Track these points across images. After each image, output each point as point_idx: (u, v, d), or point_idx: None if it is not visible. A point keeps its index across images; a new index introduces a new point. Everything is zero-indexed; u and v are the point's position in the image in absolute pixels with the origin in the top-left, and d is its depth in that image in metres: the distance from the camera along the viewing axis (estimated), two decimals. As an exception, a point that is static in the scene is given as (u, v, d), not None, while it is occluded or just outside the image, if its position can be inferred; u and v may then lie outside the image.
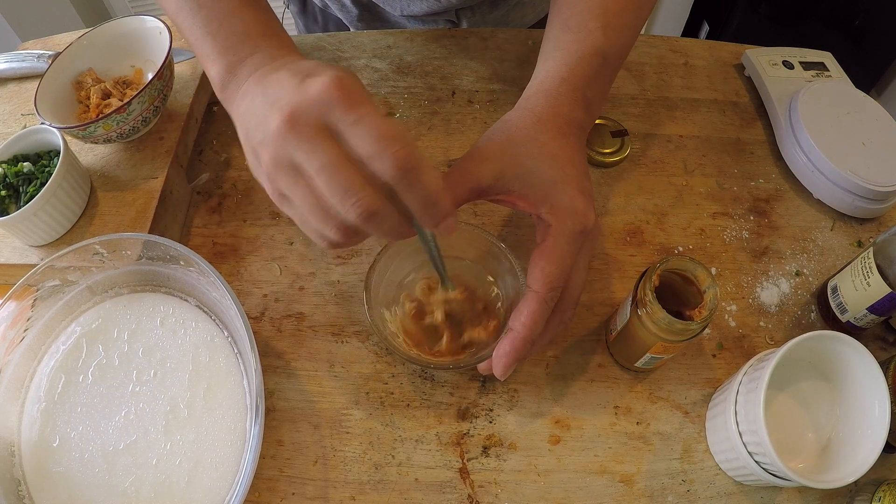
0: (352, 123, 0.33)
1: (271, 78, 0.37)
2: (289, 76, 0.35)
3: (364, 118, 0.33)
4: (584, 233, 0.42)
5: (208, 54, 0.42)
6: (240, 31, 0.41)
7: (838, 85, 0.66)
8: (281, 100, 0.34)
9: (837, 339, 0.43)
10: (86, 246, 0.51)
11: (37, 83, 0.58)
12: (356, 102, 0.33)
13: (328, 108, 0.33)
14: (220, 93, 0.42)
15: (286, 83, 0.35)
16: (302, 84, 0.34)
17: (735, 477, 0.48)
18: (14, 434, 0.49)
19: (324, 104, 0.33)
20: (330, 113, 0.33)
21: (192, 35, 0.43)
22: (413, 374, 0.53)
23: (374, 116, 0.33)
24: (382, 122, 0.33)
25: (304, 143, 0.33)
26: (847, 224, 0.62)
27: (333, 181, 0.33)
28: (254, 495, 0.48)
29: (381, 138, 0.33)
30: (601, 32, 0.46)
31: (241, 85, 0.40)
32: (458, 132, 0.67)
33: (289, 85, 0.34)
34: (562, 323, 0.44)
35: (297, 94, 0.33)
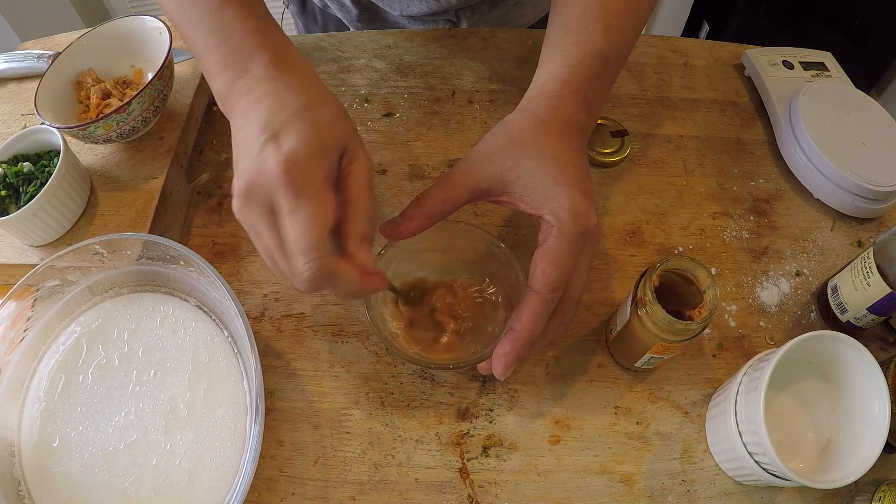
0: (286, 213, 0.36)
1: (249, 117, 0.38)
2: (259, 128, 0.37)
3: (291, 214, 0.35)
4: (585, 234, 0.42)
5: (209, 69, 0.42)
6: (236, 45, 0.41)
7: (838, 85, 0.66)
8: (242, 164, 0.37)
9: (837, 339, 0.43)
10: (86, 246, 0.51)
11: (37, 83, 0.58)
12: (295, 194, 0.35)
13: (273, 190, 0.35)
14: (221, 106, 0.43)
15: (252, 138, 0.37)
16: (262, 150, 0.36)
17: (735, 477, 0.48)
18: (14, 434, 0.49)
19: (271, 185, 0.35)
20: (274, 196, 0.36)
21: (195, 48, 0.43)
22: (413, 374, 0.53)
23: (299, 217, 0.35)
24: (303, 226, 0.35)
25: (254, 219, 0.37)
26: (847, 224, 0.62)
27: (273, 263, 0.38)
28: (254, 495, 0.48)
29: (295, 245, 0.36)
30: (602, 34, 0.46)
31: (236, 104, 0.40)
32: (458, 132, 0.67)
33: (253, 144, 0.37)
34: (562, 324, 0.44)
35: (254, 165, 0.36)
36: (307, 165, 0.36)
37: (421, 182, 0.64)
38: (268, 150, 0.36)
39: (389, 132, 0.67)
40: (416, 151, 0.66)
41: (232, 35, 0.41)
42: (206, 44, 0.42)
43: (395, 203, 0.62)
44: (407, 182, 0.64)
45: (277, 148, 0.36)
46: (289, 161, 0.35)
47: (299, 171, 0.35)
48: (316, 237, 0.35)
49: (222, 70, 0.41)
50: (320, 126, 0.37)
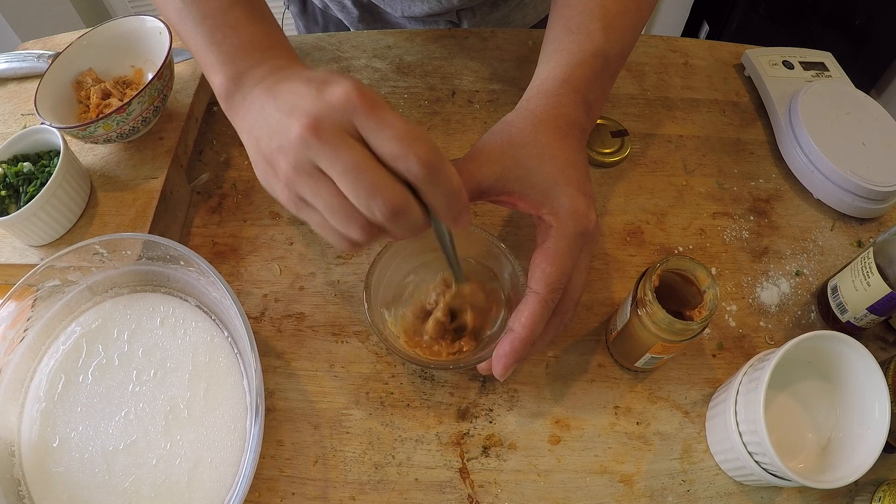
0: (375, 126, 0.34)
1: (282, 87, 0.37)
2: (303, 85, 0.35)
3: (386, 121, 0.34)
4: (584, 234, 0.42)
5: (212, 64, 0.42)
6: (245, 42, 0.41)
7: (838, 85, 0.66)
8: (299, 107, 0.35)
9: (837, 339, 0.43)
10: (86, 246, 0.51)
11: (37, 83, 0.58)
12: (377, 107, 0.34)
13: (351, 113, 0.34)
14: (224, 103, 0.42)
15: (301, 91, 0.35)
16: (321, 91, 0.34)
17: (735, 477, 0.48)
18: (14, 434, 0.49)
19: (346, 110, 0.34)
20: (353, 117, 0.34)
21: (195, 44, 0.43)
22: (413, 374, 0.53)
23: (395, 119, 0.34)
24: (404, 124, 0.34)
25: (328, 146, 0.34)
26: (847, 224, 0.62)
27: (360, 181, 0.34)
28: (254, 495, 0.48)
29: (404, 139, 0.34)
30: (602, 34, 0.46)
31: (248, 95, 0.40)
32: (458, 132, 0.67)
33: (306, 93, 0.35)
34: (562, 324, 0.44)
35: (318, 101, 0.34)
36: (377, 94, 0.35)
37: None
38: (328, 88, 0.34)
39: (389, 132, 0.67)
40: (416, 151, 0.66)
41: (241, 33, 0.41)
42: (211, 39, 0.41)
43: (395, 203, 0.62)
44: (407, 182, 0.64)
45: (339, 84, 0.34)
46: (360, 87, 0.34)
47: (372, 93, 0.34)
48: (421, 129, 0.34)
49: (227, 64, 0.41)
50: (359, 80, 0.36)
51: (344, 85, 0.34)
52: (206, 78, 0.44)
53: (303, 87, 0.35)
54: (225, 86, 0.41)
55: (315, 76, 0.36)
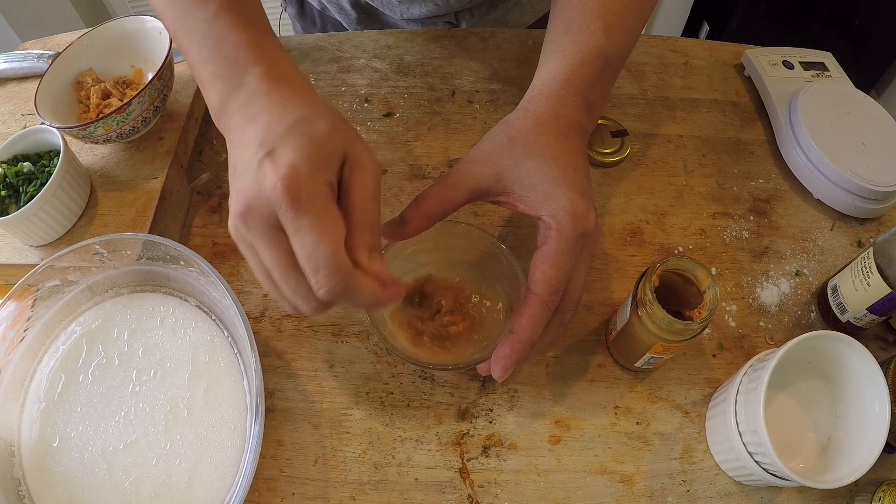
0: (291, 233, 0.34)
1: (246, 133, 0.37)
2: (255, 146, 0.36)
3: (299, 233, 0.34)
4: (584, 236, 0.42)
5: (204, 82, 0.41)
6: (229, 58, 0.40)
7: (838, 85, 0.66)
8: (238, 183, 0.36)
9: (837, 339, 0.43)
10: (86, 246, 0.51)
11: (37, 83, 0.58)
12: (298, 210, 0.34)
13: (276, 206, 0.34)
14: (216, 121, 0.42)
15: (249, 156, 0.36)
16: (260, 168, 0.35)
17: (735, 477, 0.48)
18: (14, 434, 0.49)
19: (272, 203, 0.34)
20: (278, 211, 0.34)
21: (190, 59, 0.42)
22: (413, 374, 0.53)
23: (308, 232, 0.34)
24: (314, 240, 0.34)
25: (255, 238, 0.35)
26: (847, 224, 0.62)
27: (281, 281, 0.36)
28: (254, 495, 0.48)
29: (309, 261, 0.34)
30: (602, 34, 0.46)
31: (228, 123, 0.40)
32: (458, 132, 0.67)
33: (250, 162, 0.35)
34: (561, 325, 0.44)
35: (253, 184, 0.35)
36: (309, 179, 0.34)
37: (421, 182, 0.64)
38: (266, 166, 0.34)
39: (389, 132, 0.67)
40: (416, 151, 0.66)
41: (225, 47, 0.40)
42: (200, 56, 0.41)
43: (395, 203, 0.62)
44: (407, 182, 0.64)
45: (275, 164, 0.34)
46: (289, 177, 0.34)
47: (302, 185, 0.34)
48: (329, 251, 0.34)
49: (215, 83, 0.40)
50: (318, 138, 0.36)
51: (279, 168, 0.34)
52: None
53: (252, 150, 0.36)
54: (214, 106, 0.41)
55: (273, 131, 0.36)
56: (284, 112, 0.37)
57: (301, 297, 0.36)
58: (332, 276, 0.34)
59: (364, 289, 0.36)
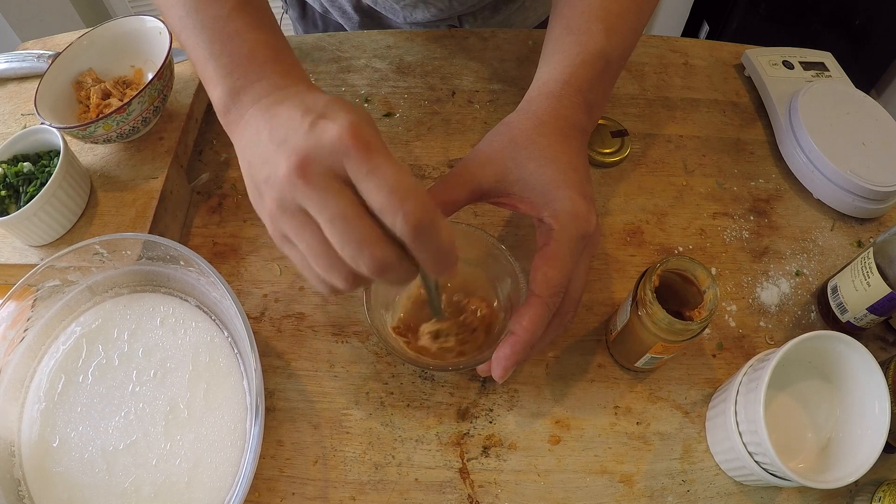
0: (366, 174, 0.32)
1: (278, 111, 0.35)
2: (299, 114, 0.33)
3: (378, 169, 0.32)
4: (585, 237, 0.42)
5: (211, 77, 0.40)
6: (245, 54, 0.39)
7: (838, 85, 0.66)
8: (290, 142, 0.33)
9: (837, 339, 0.43)
10: (86, 246, 0.51)
11: (37, 83, 0.58)
12: (371, 152, 0.32)
13: (342, 155, 0.32)
14: (221, 117, 0.41)
15: (295, 123, 0.33)
16: (314, 127, 0.32)
17: (735, 477, 0.48)
18: (14, 434, 0.49)
19: (338, 151, 0.32)
20: (344, 160, 0.32)
21: (195, 55, 0.41)
22: (413, 374, 0.53)
23: (388, 168, 0.32)
24: (397, 174, 0.32)
25: (315, 191, 0.32)
26: (847, 224, 0.62)
27: (347, 232, 0.32)
28: (254, 495, 0.48)
29: (395, 192, 0.32)
30: (603, 35, 0.46)
31: (245, 112, 0.38)
32: (458, 132, 0.67)
33: (299, 126, 0.33)
34: (562, 326, 0.44)
35: (309, 139, 0.32)
36: (372, 133, 0.33)
37: (421, 182, 0.64)
38: (322, 125, 0.32)
39: (389, 132, 0.67)
40: (416, 151, 0.66)
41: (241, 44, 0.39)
42: (210, 51, 0.40)
43: (395, 203, 0.62)
44: (407, 182, 0.63)
45: (335, 120, 0.32)
46: (355, 125, 0.32)
47: (367, 132, 0.32)
48: (412, 181, 0.32)
49: (225, 77, 0.39)
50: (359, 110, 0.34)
51: (340, 122, 0.32)
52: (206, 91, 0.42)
53: (297, 118, 0.33)
54: (223, 101, 0.40)
55: (313, 105, 0.34)
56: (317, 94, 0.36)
57: (367, 251, 0.32)
58: (421, 203, 0.32)
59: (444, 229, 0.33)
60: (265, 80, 0.39)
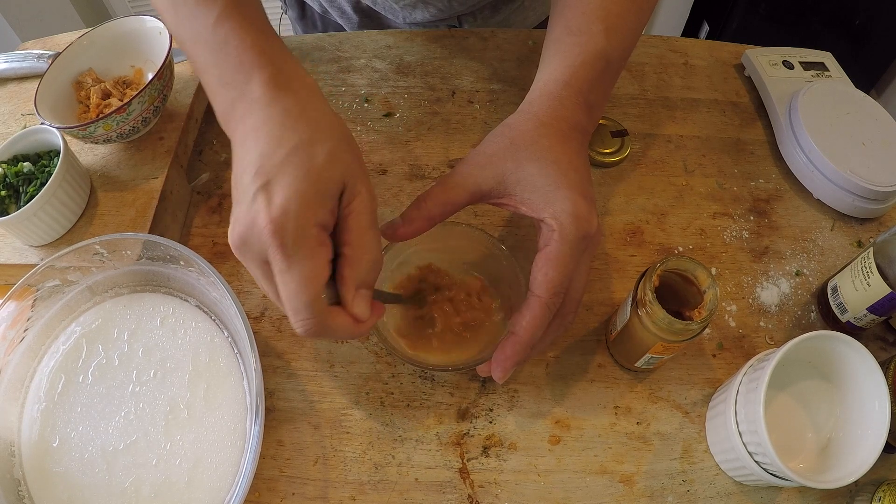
0: (277, 273, 0.36)
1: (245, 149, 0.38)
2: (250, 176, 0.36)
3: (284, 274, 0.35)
4: (586, 238, 0.42)
5: (210, 88, 0.41)
6: (233, 63, 0.40)
7: (838, 85, 0.66)
8: (239, 205, 0.37)
9: (837, 339, 0.43)
10: (86, 246, 0.51)
11: (37, 83, 0.58)
12: (285, 255, 0.35)
13: (266, 246, 0.35)
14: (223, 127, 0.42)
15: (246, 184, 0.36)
16: (255, 201, 0.35)
17: (735, 477, 0.48)
18: (14, 434, 0.49)
19: (263, 241, 0.35)
20: (267, 251, 0.36)
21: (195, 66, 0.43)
22: (413, 374, 0.53)
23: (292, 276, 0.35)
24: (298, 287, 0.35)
25: (249, 266, 0.38)
26: (847, 224, 0.62)
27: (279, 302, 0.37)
28: (254, 495, 0.48)
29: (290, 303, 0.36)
30: (603, 35, 0.46)
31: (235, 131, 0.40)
32: (458, 132, 0.67)
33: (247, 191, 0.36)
34: (562, 326, 0.44)
35: (248, 217, 0.36)
36: (298, 221, 0.35)
37: (421, 182, 0.64)
38: (259, 202, 0.35)
39: (389, 132, 0.67)
40: (416, 151, 0.66)
41: (229, 52, 0.40)
42: (205, 61, 0.41)
43: (395, 203, 0.62)
44: (407, 182, 0.64)
45: (268, 201, 0.35)
46: (278, 219, 0.35)
47: (290, 229, 0.35)
48: (307, 298, 0.36)
49: (221, 89, 0.40)
50: (316, 169, 0.36)
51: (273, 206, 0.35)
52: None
53: (249, 177, 0.36)
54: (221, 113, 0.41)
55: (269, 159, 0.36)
56: (284, 134, 0.37)
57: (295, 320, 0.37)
58: (308, 320, 0.36)
59: (339, 329, 0.38)
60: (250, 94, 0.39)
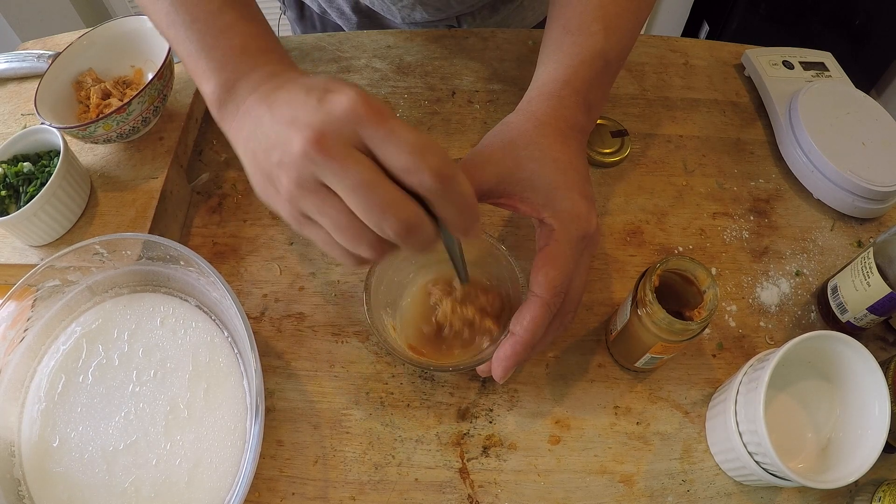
0: (383, 138, 0.32)
1: (279, 96, 0.35)
2: (303, 94, 0.34)
3: (394, 132, 0.32)
4: (586, 238, 0.42)
5: (203, 71, 0.40)
6: (237, 46, 0.39)
7: (838, 85, 0.66)
8: (300, 119, 0.33)
9: (837, 339, 0.43)
10: (86, 246, 0.51)
11: (37, 83, 0.58)
12: (385, 117, 0.32)
13: (356, 124, 0.32)
14: (215, 112, 0.40)
15: (301, 101, 0.34)
16: (322, 101, 0.33)
17: (735, 477, 0.48)
18: (14, 434, 0.49)
19: (352, 120, 0.32)
20: (359, 129, 0.32)
21: (185, 50, 0.41)
22: (413, 374, 0.53)
23: (404, 129, 0.32)
24: (415, 134, 0.32)
25: (334, 161, 0.32)
26: (847, 224, 0.62)
27: (371, 198, 0.32)
28: (254, 495, 0.48)
29: (416, 150, 0.32)
30: (602, 35, 0.46)
31: (241, 104, 0.38)
32: (458, 132, 0.67)
33: (306, 103, 0.33)
34: (562, 326, 0.44)
35: (320, 112, 0.33)
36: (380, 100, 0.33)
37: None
38: (331, 99, 0.32)
39: (389, 132, 0.67)
40: (416, 151, 0.66)
41: (232, 37, 0.40)
42: (201, 45, 0.40)
43: (395, 203, 0.62)
44: (407, 182, 0.63)
45: (342, 94, 0.32)
46: (364, 95, 0.32)
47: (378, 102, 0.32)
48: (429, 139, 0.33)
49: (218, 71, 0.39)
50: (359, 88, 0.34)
51: (348, 94, 0.32)
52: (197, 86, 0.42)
53: (302, 97, 0.34)
54: (217, 94, 0.40)
55: (315, 84, 0.34)
56: (314, 76, 0.36)
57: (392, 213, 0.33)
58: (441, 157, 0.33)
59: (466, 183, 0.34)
60: (260, 70, 0.39)
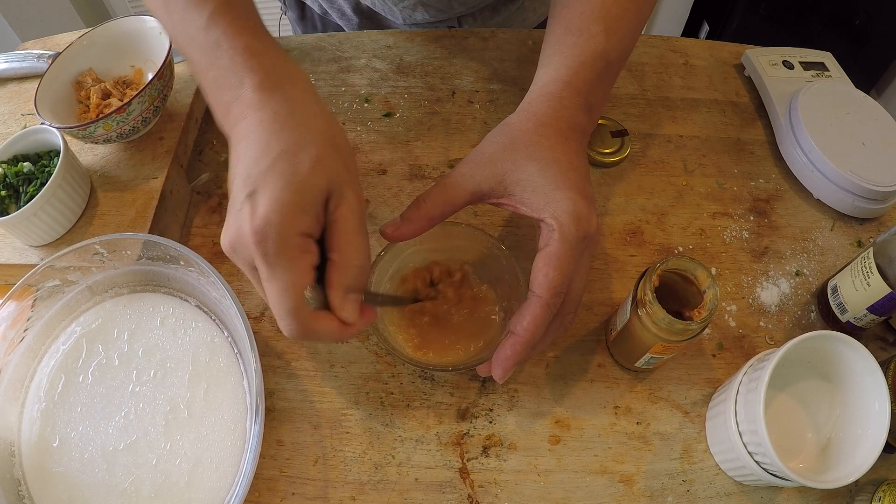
0: (263, 279, 0.37)
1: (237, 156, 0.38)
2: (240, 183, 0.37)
3: (268, 281, 0.37)
4: (586, 238, 0.42)
5: (207, 91, 0.42)
6: (226, 66, 0.40)
7: (838, 85, 0.66)
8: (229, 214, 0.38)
9: (837, 339, 0.43)
10: (86, 246, 0.51)
11: (37, 83, 0.58)
12: (268, 263, 0.36)
13: (251, 253, 0.36)
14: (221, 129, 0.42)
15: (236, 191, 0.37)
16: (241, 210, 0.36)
17: (735, 477, 0.48)
18: (14, 434, 0.49)
19: (248, 250, 0.36)
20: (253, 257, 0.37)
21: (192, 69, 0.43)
22: (413, 374, 0.53)
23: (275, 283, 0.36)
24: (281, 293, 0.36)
25: (243, 269, 0.39)
26: (847, 224, 0.62)
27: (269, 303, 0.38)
28: (254, 495, 0.48)
29: (276, 307, 0.37)
30: (603, 36, 0.46)
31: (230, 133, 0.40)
32: (458, 132, 0.67)
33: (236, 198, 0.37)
34: (562, 326, 0.44)
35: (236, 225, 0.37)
36: (280, 231, 0.35)
37: (421, 182, 0.64)
38: (244, 211, 0.36)
39: (389, 132, 0.67)
40: (416, 151, 0.66)
41: (221, 55, 0.40)
42: (200, 64, 0.41)
43: (395, 203, 0.62)
44: (407, 182, 0.64)
45: (252, 211, 0.36)
46: (261, 229, 0.35)
47: (271, 238, 0.35)
48: (290, 305, 0.37)
49: (217, 92, 0.41)
50: (299, 178, 0.36)
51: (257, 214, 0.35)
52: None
53: (238, 186, 0.37)
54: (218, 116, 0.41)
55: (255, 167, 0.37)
56: (271, 141, 0.37)
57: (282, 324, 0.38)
58: (292, 324, 0.37)
59: (324, 333, 0.39)
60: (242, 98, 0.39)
